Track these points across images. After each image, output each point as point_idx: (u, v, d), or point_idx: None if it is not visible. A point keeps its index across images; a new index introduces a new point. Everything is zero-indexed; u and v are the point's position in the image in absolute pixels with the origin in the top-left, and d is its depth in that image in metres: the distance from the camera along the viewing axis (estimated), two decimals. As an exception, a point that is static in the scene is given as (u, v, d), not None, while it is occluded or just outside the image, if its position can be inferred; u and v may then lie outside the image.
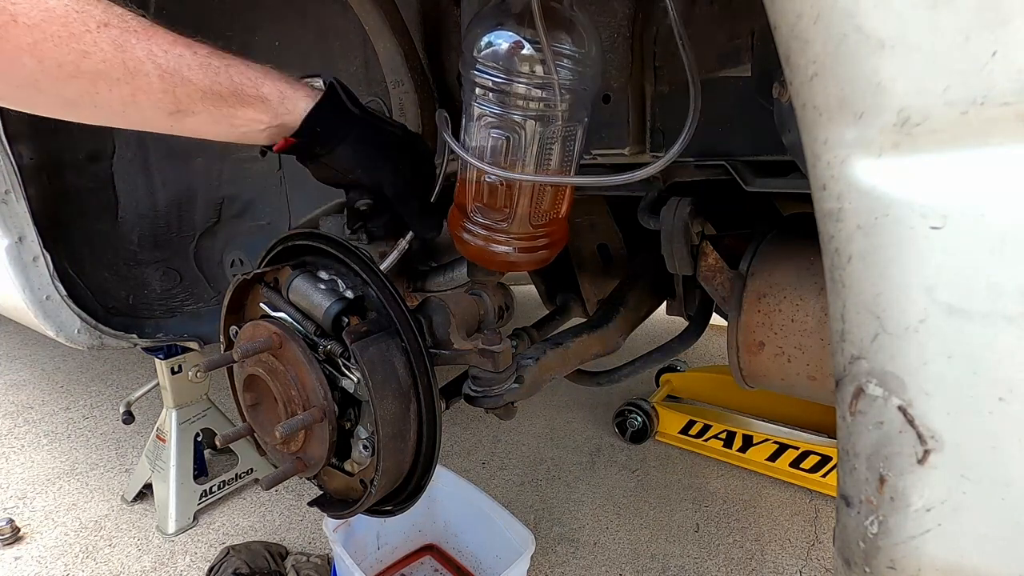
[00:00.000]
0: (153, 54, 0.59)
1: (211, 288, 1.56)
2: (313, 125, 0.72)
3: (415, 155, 0.81)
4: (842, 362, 0.44)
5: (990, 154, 0.37)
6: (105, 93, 0.59)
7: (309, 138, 0.73)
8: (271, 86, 0.69)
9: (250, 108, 0.68)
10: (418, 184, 0.81)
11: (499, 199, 0.74)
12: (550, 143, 0.71)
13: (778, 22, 0.41)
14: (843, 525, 0.47)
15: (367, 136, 0.76)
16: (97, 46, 0.56)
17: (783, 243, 0.88)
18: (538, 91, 0.67)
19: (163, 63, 0.60)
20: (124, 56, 0.57)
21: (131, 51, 0.58)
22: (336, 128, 0.74)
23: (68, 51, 0.54)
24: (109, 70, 0.57)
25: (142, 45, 0.59)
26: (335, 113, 0.74)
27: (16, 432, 2.27)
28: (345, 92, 0.76)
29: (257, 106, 0.68)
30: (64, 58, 0.54)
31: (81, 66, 0.56)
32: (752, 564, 1.60)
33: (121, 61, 0.57)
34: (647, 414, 2.09)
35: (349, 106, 0.75)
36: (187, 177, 1.46)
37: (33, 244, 1.23)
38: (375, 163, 0.77)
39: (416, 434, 0.76)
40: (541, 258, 0.80)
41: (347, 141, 0.75)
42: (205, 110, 0.65)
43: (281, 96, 0.70)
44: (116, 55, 0.57)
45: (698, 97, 0.63)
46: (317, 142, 0.74)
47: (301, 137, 0.73)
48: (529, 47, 0.65)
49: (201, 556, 1.63)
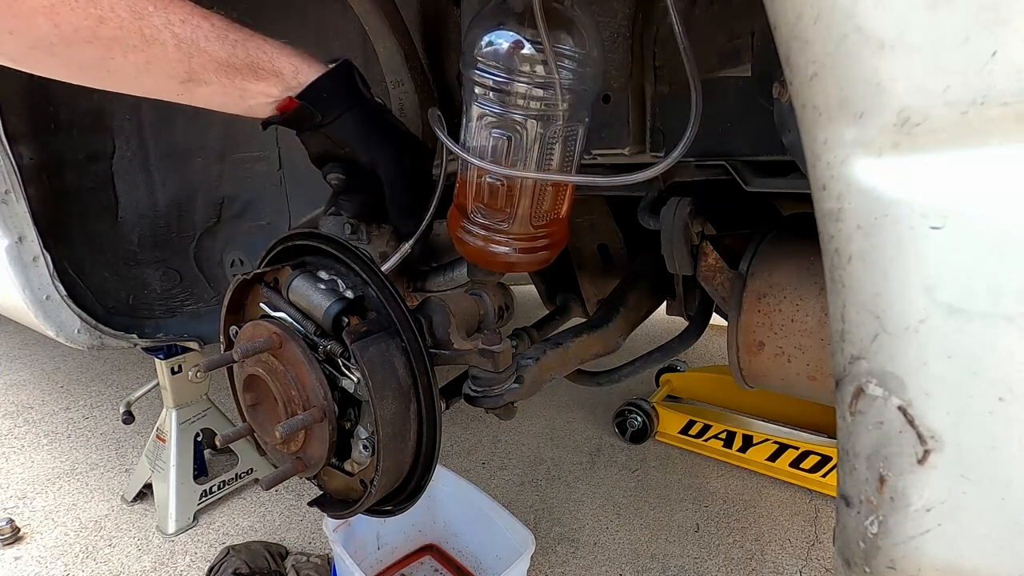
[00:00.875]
0: (171, 23, 0.59)
1: (211, 288, 1.56)
2: (320, 90, 0.72)
3: (416, 153, 0.81)
4: (842, 362, 0.44)
5: (990, 154, 0.37)
6: (120, 59, 0.58)
7: (313, 102, 0.72)
8: (286, 61, 0.69)
9: (263, 82, 0.68)
10: (415, 178, 0.80)
11: (500, 199, 0.74)
12: (551, 143, 0.71)
13: (778, 22, 0.41)
14: (843, 525, 0.47)
15: (372, 115, 0.76)
16: (114, 12, 0.55)
17: (783, 243, 0.88)
18: (539, 91, 0.67)
19: (180, 32, 0.60)
20: (141, 24, 0.57)
21: (149, 19, 0.57)
22: (342, 98, 0.74)
23: (85, 15, 0.54)
24: (126, 37, 0.57)
25: (160, 14, 0.58)
26: (344, 85, 0.74)
27: (16, 432, 2.27)
28: (360, 76, 0.76)
29: (271, 80, 0.68)
30: (81, 23, 0.54)
31: (98, 31, 0.55)
32: (752, 564, 1.60)
33: (138, 28, 0.57)
34: (647, 414, 2.09)
35: (360, 86, 0.75)
36: (187, 177, 1.46)
37: (33, 244, 1.22)
38: (376, 142, 0.76)
39: (416, 434, 0.76)
40: (542, 259, 0.80)
41: (351, 113, 0.74)
42: (218, 81, 0.64)
43: (295, 70, 0.70)
44: (133, 22, 0.57)
45: (699, 98, 0.64)
46: (320, 108, 0.73)
47: (305, 99, 0.72)
48: (530, 47, 0.65)
49: (201, 556, 1.63)
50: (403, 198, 0.80)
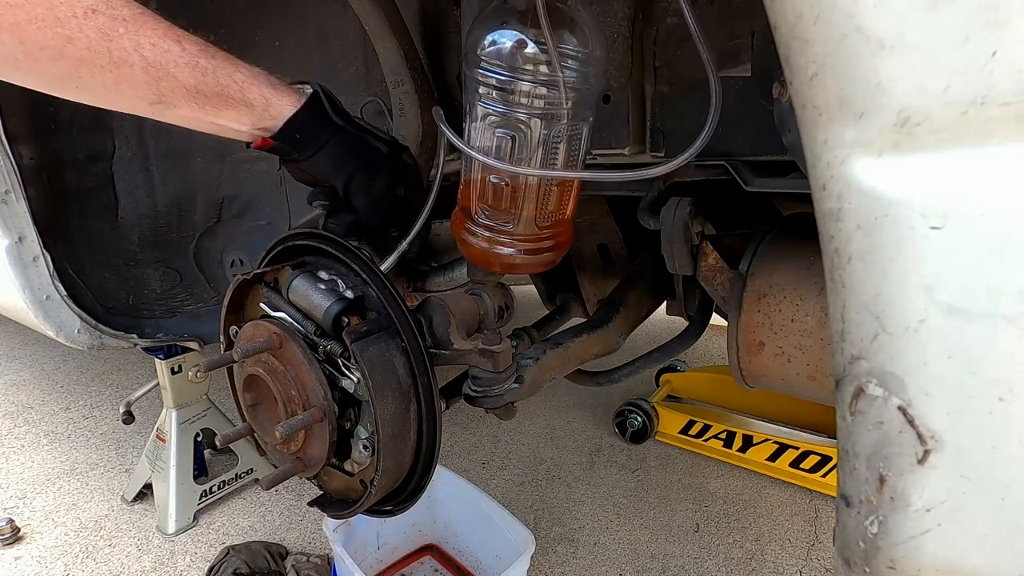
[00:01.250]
0: (140, 46, 0.59)
1: (211, 288, 1.56)
2: (292, 131, 0.73)
3: (395, 171, 0.81)
4: (842, 362, 0.44)
5: (990, 154, 0.37)
6: (87, 78, 0.58)
7: (287, 143, 0.73)
8: (256, 91, 0.69)
9: (233, 111, 0.68)
10: (386, 203, 0.81)
11: (504, 200, 0.74)
12: (556, 142, 0.71)
13: (778, 22, 0.41)
14: (843, 525, 0.47)
15: (344, 147, 0.77)
16: (83, 32, 0.55)
17: (783, 243, 0.88)
18: (543, 90, 0.67)
19: (149, 56, 0.59)
20: (110, 45, 0.57)
21: (117, 40, 0.57)
22: (315, 136, 0.74)
23: (52, 35, 0.54)
24: (93, 57, 0.57)
25: (130, 36, 0.58)
26: (315, 121, 0.74)
27: (16, 432, 2.27)
28: (330, 100, 0.76)
29: (240, 109, 0.68)
30: (47, 41, 0.54)
31: (64, 51, 0.55)
32: (752, 564, 1.60)
33: (106, 50, 0.57)
34: (647, 414, 2.09)
35: (331, 115, 0.76)
36: (187, 177, 1.46)
37: (33, 244, 1.23)
38: (348, 176, 0.78)
39: (416, 434, 0.76)
40: (547, 260, 0.80)
41: (324, 150, 0.75)
42: (187, 105, 0.64)
43: (266, 103, 0.70)
44: (102, 44, 0.56)
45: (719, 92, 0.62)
46: (295, 148, 0.75)
47: (279, 141, 0.73)
48: (533, 46, 0.65)
49: (201, 556, 1.63)
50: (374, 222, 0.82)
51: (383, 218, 0.82)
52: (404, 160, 0.83)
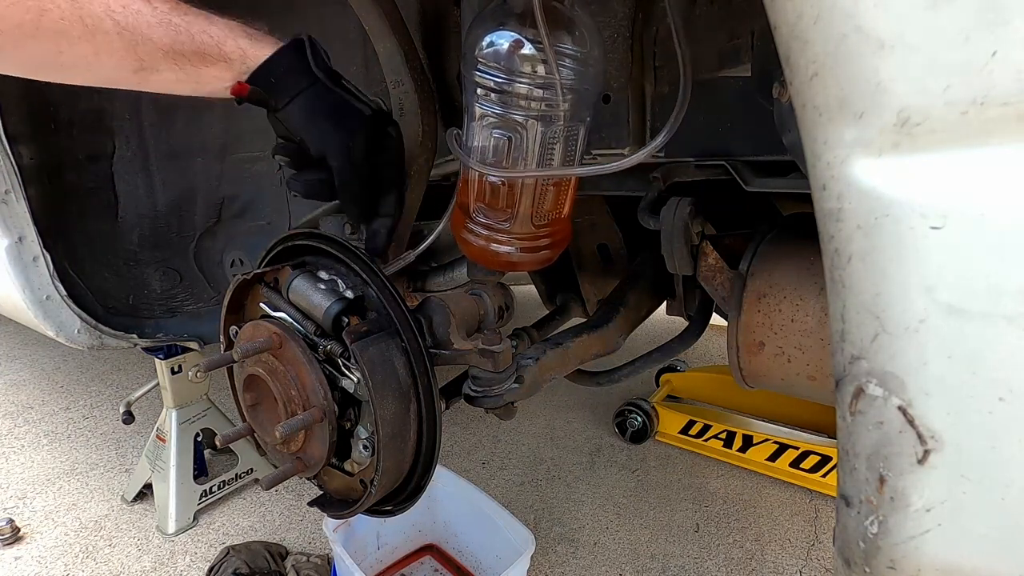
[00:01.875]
0: (111, 10, 0.58)
1: (211, 288, 1.56)
2: (267, 75, 0.70)
3: (376, 138, 0.76)
4: (842, 362, 0.44)
5: (990, 154, 0.37)
6: (68, 52, 0.58)
7: (263, 87, 0.70)
8: (233, 43, 0.67)
9: (213, 67, 0.66)
10: (367, 168, 0.76)
11: (501, 199, 0.74)
12: (552, 143, 0.71)
13: (778, 22, 0.41)
14: (843, 525, 0.47)
15: (323, 101, 0.72)
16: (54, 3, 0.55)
17: (783, 243, 0.88)
18: (540, 91, 0.67)
19: (121, 20, 0.59)
20: (81, 12, 0.57)
21: (88, 7, 0.57)
22: (290, 83, 0.71)
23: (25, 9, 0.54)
24: (68, 28, 0.57)
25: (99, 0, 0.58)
26: (293, 68, 0.71)
27: (16, 432, 2.27)
28: (313, 51, 0.72)
29: (219, 65, 0.67)
30: (22, 17, 0.54)
31: (40, 24, 0.55)
32: (752, 564, 1.60)
33: (79, 18, 0.57)
34: (647, 414, 2.09)
35: (312, 64, 0.72)
36: (187, 177, 1.46)
37: (33, 244, 1.23)
38: (324, 130, 0.72)
39: (416, 434, 0.76)
40: (544, 258, 0.80)
41: (299, 99, 0.71)
42: (169, 68, 0.64)
43: (243, 54, 0.68)
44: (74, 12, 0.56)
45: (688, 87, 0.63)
46: (270, 93, 0.71)
47: (253, 84, 0.70)
48: (531, 47, 0.65)
49: (201, 556, 1.63)
50: (353, 189, 0.76)
51: (362, 184, 0.76)
52: (388, 131, 0.79)
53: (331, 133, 0.73)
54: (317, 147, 0.73)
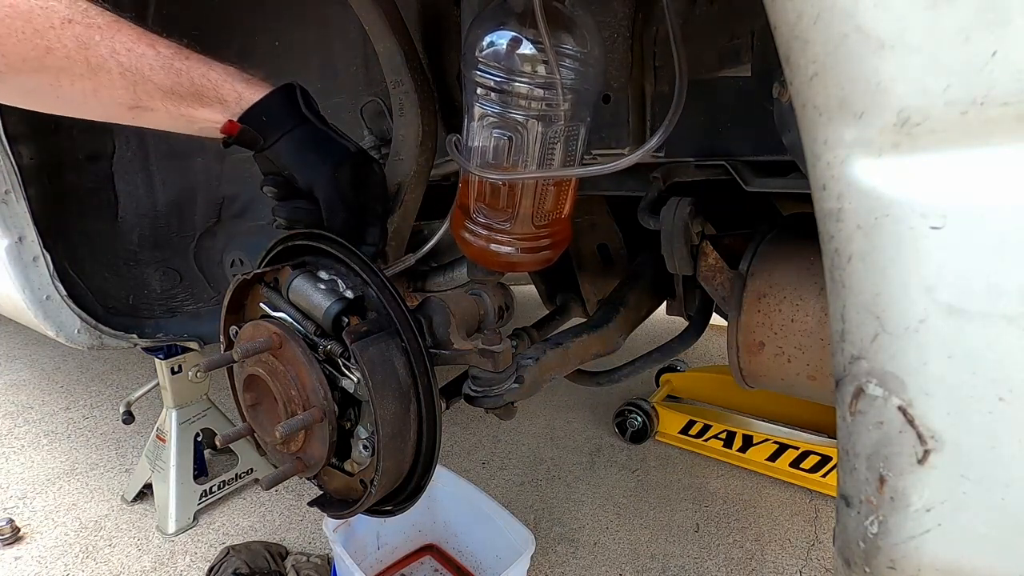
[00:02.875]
0: (116, 52, 0.60)
1: (211, 288, 1.56)
2: (259, 114, 0.73)
3: (362, 175, 0.80)
4: (842, 362, 0.44)
5: (990, 154, 0.37)
6: (67, 87, 0.60)
7: (254, 126, 0.73)
8: (230, 87, 0.70)
9: (207, 108, 0.69)
10: (355, 200, 0.80)
11: (501, 199, 0.74)
12: (553, 143, 0.71)
13: (778, 22, 0.41)
14: (843, 525, 0.47)
15: (311, 138, 0.76)
16: (61, 42, 0.57)
17: (783, 243, 0.88)
18: (540, 91, 0.67)
19: (125, 61, 0.61)
20: (87, 53, 0.58)
21: (94, 48, 0.59)
22: (281, 121, 0.74)
23: (32, 47, 0.55)
24: (72, 66, 0.58)
25: (105, 43, 0.59)
26: (283, 108, 0.74)
27: (16, 432, 2.27)
28: (304, 97, 0.76)
29: (215, 107, 0.69)
30: (28, 53, 0.55)
31: (44, 61, 0.57)
32: (752, 564, 1.60)
33: (84, 58, 0.58)
34: (647, 414, 2.09)
35: (302, 107, 0.76)
36: (187, 177, 1.46)
37: (33, 244, 1.23)
38: (311, 162, 0.76)
39: (416, 434, 0.76)
40: (544, 258, 0.80)
41: (289, 136, 0.75)
42: (164, 108, 0.66)
43: (239, 98, 0.71)
44: (79, 52, 0.58)
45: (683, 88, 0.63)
46: (260, 131, 0.74)
47: (245, 122, 0.73)
48: (531, 47, 0.65)
49: (201, 556, 1.63)
50: (338, 218, 0.79)
51: (349, 212, 0.79)
52: (372, 167, 0.82)
53: (319, 165, 0.76)
54: (305, 179, 0.77)
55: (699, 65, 0.81)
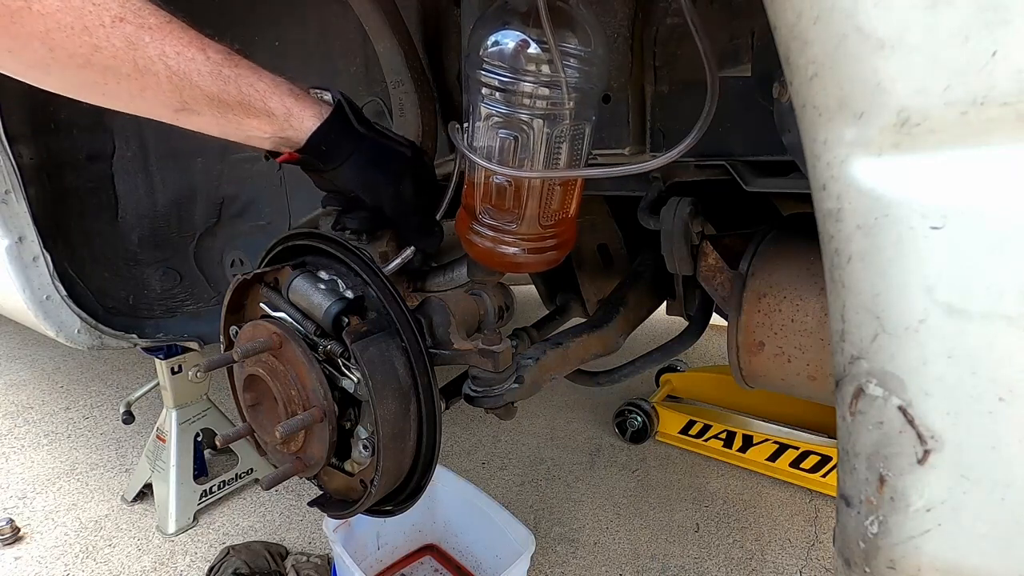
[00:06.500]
0: (165, 55, 0.59)
1: (211, 288, 1.56)
2: (318, 143, 0.72)
3: (418, 173, 0.81)
4: (842, 362, 0.44)
5: (990, 154, 0.37)
6: (113, 85, 0.59)
7: (314, 155, 0.74)
8: (278, 101, 0.69)
9: (255, 119, 0.68)
10: (420, 203, 0.82)
11: (507, 200, 0.74)
12: (559, 142, 0.71)
13: (778, 22, 0.41)
14: (843, 525, 0.47)
15: (370, 156, 0.77)
16: (109, 41, 0.56)
17: (783, 243, 0.88)
18: (545, 90, 0.67)
19: (173, 65, 0.60)
20: (136, 54, 0.58)
21: (143, 49, 0.58)
22: (340, 147, 0.74)
23: (80, 43, 0.55)
24: (119, 66, 0.57)
25: (155, 44, 0.59)
26: (340, 133, 0.74)
27: (16, 432, 2.27)
28: (352, 109, 0.76)
29: (262, 119, 0.69)
30: (76, 49, 0.55)
31: (92, 59, 0.56)
32: (752, 564, 1.60)
33: (132, 59, 0.58)
34: (647, 414, 2.09)
35: (355, 124, 0.76)
36: (187, 177, 1.46)
37: (33, 244, 1.23)
38: (377, 184, 0.77)
39: (416, 434, 0.76)
40: (550, 259, 0.80)
41: (350, 161, 0.75)
42: (210, 113, 0.65)
43: (287, 113, 0.70)
44: (128, 52, 0.57)
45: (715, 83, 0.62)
46: (321, 160, 0.74)
47: (305, 154, 0.73)
48: (536, 46, 0.65)
49: (201, 556, 1.63)
50: (413, 226, 0.82)
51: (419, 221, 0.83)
52: (425, 162, 0.84)
53: (384, 185, 0.78)
54: (372, 199, 0.79)
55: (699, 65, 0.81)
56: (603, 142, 0.90)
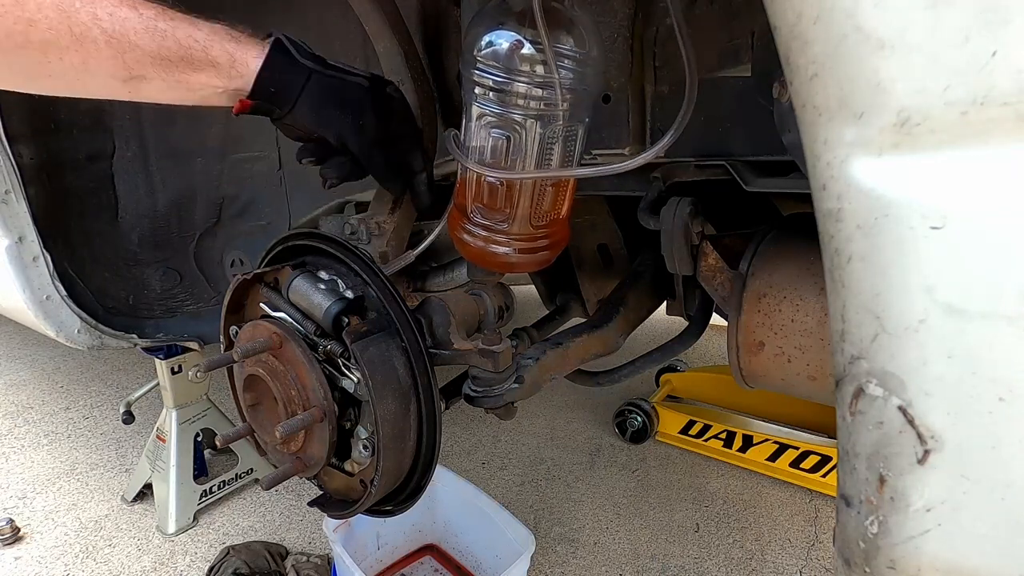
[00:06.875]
0: (97, 18, 0.58)
1: (211, 288, 1.56)
2: (266, 86, 0.70)
3: (382, 106, 0.77)
4: (842, 362, 0.44)
5: (990, 154, 0.37)
6: (56, 62, 0.58)
7: (264, 99, 0.71)
8: (219, 47, 0.67)
9: (201, 73, 0.66)
10: (386, 138, 0.78)
11: (499, 200, 0.74)
12: (551, 143, 0.71)
13: (778, 22, 0.41)
14: (843, 525, 0.47)
15: (324, 90, 0.73)
16: (42, 12, 0.55)
17: (783, 243, 0.88)
18: (539, 91, 0.67)
19: (108, 27, 0.59)
20: (70, 22, 0.57)
21: (76, 16, 0.57)
22: (290, 86, 0.71)
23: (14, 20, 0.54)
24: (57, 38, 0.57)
25: (86, 8, 0.58)
26: (285, 70, 0.71)
27: (16, 432, 2.27)
28: (293, 44, 0.73)
29: (208, 71, 0.66)
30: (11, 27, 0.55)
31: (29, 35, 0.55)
32: (752, 564, 1.60)
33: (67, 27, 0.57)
34: (647, 414, 2.09)
35: (299, 59, 0.72)
36: (187, 177, 1.46)
37: (33, 244, 1.23)
38: (333, 119, 0.74)
39: (416, 434, 0.76)
40: (542, 259, 0.80)
41: (303, 98, 0.72)
42: (157, 76, 0.63)
43: (231, 59, 0.68)
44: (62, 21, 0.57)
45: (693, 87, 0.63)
46: (272, 103, 0.72)
47: (256, 98, 0.71)
48: (530, 47, 0.65)
49: (201, 556, 1.63)
50: (379, 162, 0.78)
51: (385, 153, 0.79)
52: (389, 94, 0.80)
53: (340, 119, 0.74)
54: (334, 137, 0.75)
55: (699, 65, 0.81)
56: (603, 142, 0.90)
